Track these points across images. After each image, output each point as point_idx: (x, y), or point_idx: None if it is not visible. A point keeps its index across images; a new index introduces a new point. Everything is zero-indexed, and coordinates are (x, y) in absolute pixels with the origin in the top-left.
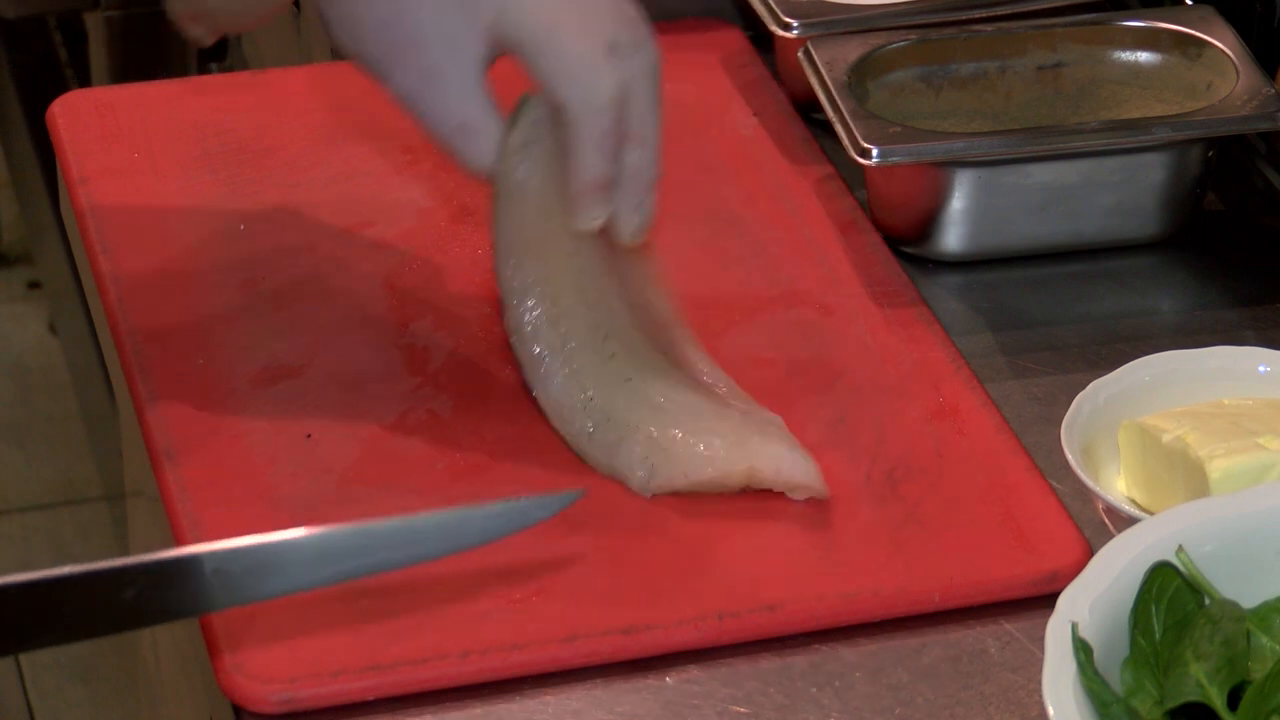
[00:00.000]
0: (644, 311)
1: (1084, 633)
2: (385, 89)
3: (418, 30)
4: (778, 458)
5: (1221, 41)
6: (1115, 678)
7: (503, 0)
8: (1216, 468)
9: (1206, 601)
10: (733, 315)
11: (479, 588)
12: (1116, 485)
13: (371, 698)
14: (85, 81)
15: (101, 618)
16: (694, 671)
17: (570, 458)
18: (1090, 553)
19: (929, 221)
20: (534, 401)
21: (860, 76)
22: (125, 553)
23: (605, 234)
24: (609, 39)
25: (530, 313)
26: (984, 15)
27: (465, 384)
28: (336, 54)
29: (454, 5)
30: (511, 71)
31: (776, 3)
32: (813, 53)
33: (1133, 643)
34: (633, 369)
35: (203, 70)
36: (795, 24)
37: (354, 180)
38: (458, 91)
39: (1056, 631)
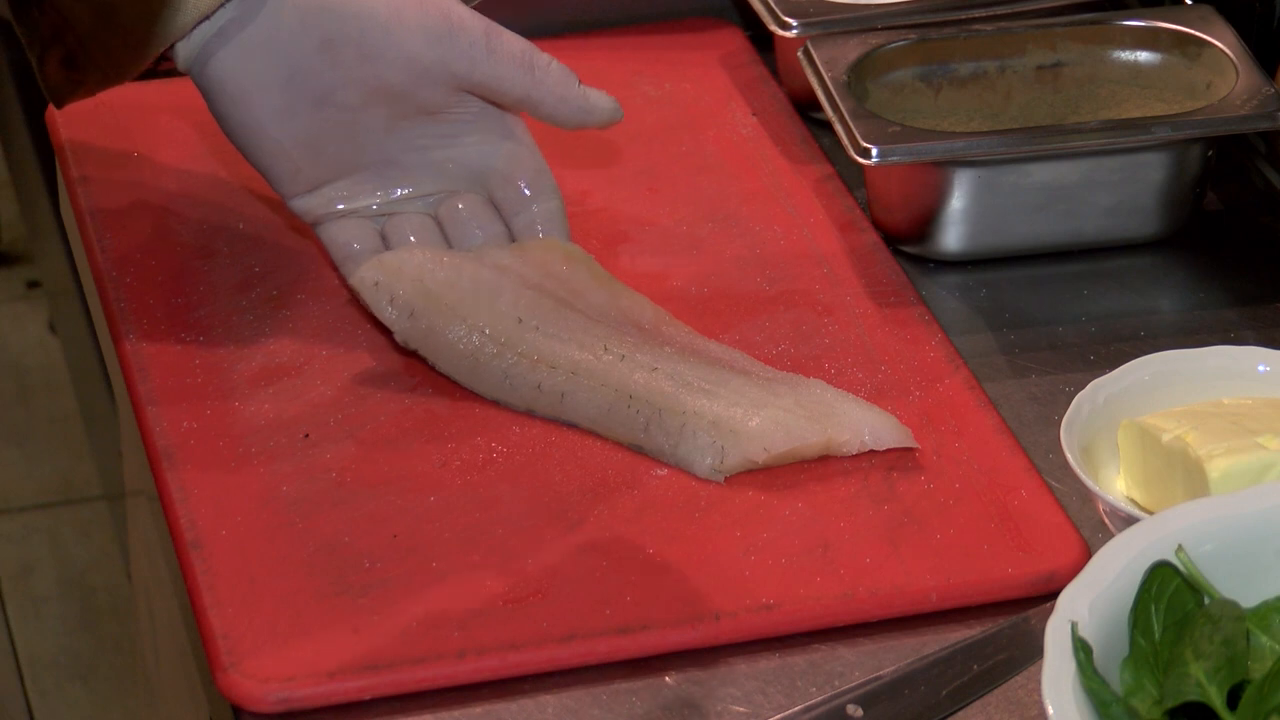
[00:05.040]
0: (626, 319)
1: (1084, 632)
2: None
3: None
4: (859, 420)
5: (1221, 41)
6: (1115, 677)
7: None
8: (1216, 467)
9: (1206, 601)
10: (732, 315)
11: (476, 588)
12: (1116, 485)
13: (369, 697)
14: None
15: None
16: (693, 671)
17: (568, 457)
18: (1089, 553)
19: (929, 221)
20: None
21: (860, 76)
22: (125, 553)
23: (537, 283)
24: None
25: (520, 373)
26: (984, 15)
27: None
28: None
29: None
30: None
31: (776, 2)
32: (812, 52)
33: (1132, 642)
34: (652, 360)
35: None
36: (795, 24)
37: None
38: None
39: (1056, 631)
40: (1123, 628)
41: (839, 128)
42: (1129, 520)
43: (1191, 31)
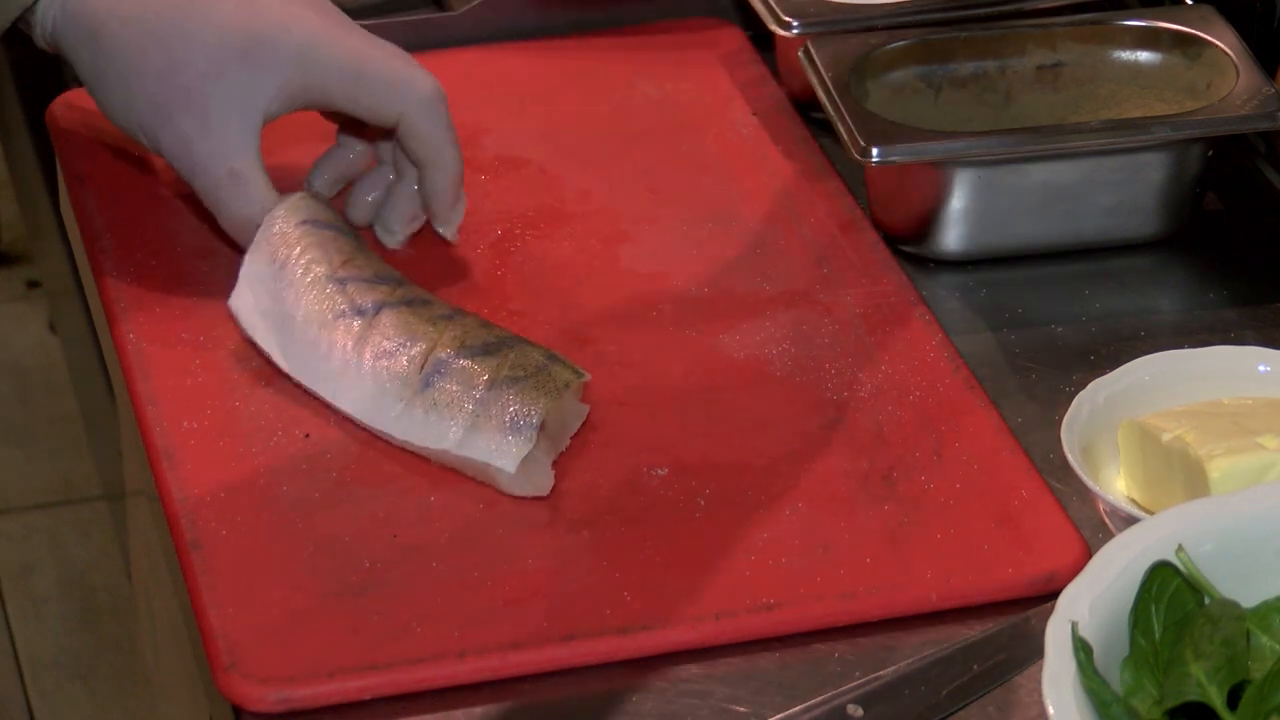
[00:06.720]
0: None
1: (1084, 632)
2: (155, 145)
3: (197, 82)
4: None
5: (1221, 41)
6: (1115, 677)
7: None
8: (1216, 467)
9: (1206, 601)
10: (732, 315)
11: (476, 587)
12: (1116, 485)
13: (369, 697)
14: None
15: None
16: (693, 671)
17: (567, 456)
18: (1089, 553)
19: (929, 221)
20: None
21: (860, 76)
22: (125, 553)
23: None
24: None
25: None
26: (984, 15)
27: None
28: None
29: (237, 59)
30: None
31: (776, 2)
32: (813, 52)
33: (1133, 642)
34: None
35: None
36: (795, 23)
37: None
38: (234, 141)
39: (1056, 631)
40: (1123, 628)
41: (839, 128)
42: (1129, 520)
43: (1191, 31)
